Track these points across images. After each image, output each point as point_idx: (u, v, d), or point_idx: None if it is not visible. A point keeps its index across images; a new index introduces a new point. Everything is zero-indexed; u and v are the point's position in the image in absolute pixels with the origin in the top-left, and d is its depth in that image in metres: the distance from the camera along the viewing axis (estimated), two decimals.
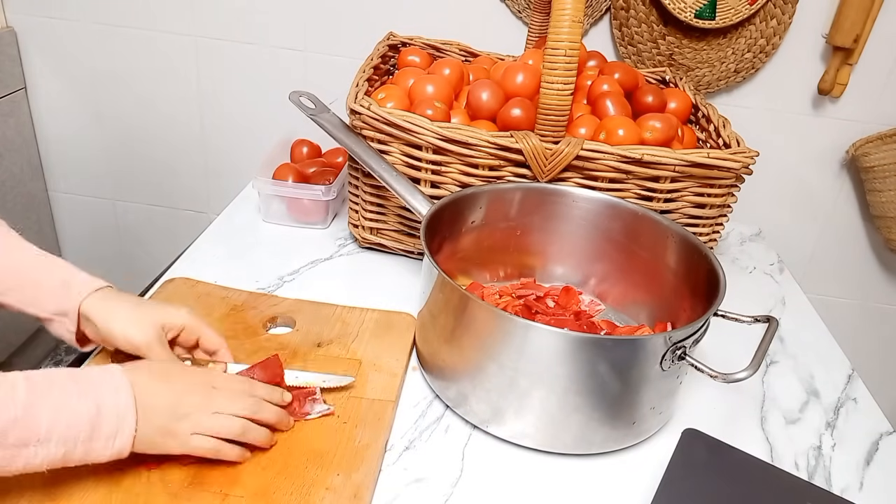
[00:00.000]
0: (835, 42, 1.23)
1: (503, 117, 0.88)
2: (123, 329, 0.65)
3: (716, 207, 0.89)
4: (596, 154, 0.82)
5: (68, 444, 0.52)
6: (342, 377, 0.71)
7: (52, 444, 0.51)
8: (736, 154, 0.85)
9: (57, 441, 0.52)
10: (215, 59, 1.43)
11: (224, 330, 0.78)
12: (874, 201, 1.33)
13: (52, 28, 1.43)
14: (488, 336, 0.66)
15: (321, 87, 1.08)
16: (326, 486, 0.60)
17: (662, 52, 1.29)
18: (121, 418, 0.54)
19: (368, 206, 0.95)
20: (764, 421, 0.78)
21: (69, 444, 0.52)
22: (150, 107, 1.50)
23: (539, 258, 0.90)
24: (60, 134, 1.56)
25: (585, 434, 0.68)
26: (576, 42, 0.75)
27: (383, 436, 0.67)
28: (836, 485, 0.71)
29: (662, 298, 0.82)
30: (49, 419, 0.51)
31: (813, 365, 0.89)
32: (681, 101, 1.01)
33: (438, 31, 1.19)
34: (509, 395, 0.66)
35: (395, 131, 0.86)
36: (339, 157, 1.14)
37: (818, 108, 1.34)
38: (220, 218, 1.07)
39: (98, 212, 1.65)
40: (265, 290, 0.89)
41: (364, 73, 0.96)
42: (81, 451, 0.53)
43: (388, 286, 0.92)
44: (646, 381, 0.65)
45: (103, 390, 0.55)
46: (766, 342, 0.66)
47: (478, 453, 0.69)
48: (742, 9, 1.21)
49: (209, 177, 1.57)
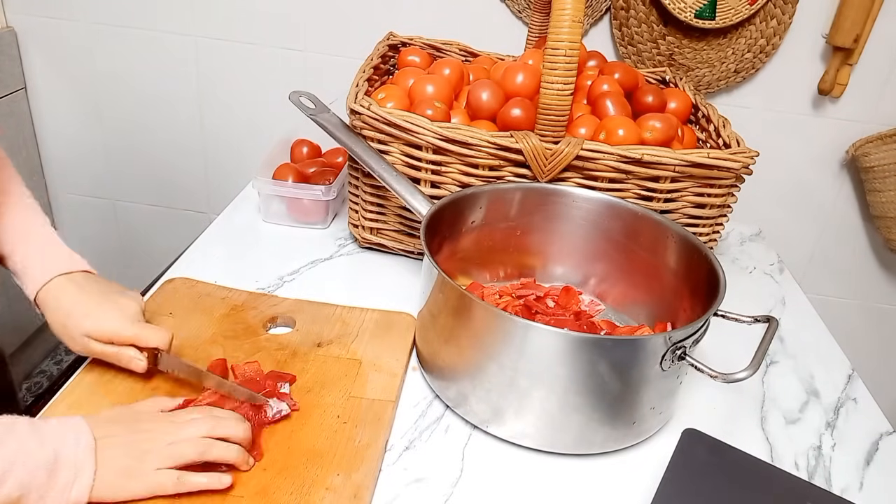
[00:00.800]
0: (835, 42, 1.23)
1: (503, 117, 0.89)
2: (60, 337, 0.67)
3: (716, 207, 0.89)
4: (596, 154, 0.82)
5: (23, 489, 0.51)
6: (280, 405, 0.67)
7: (7, 486, 0.51)
8: (736, 154, 0.85)
9: (12, 484, 0.51)
10: (215, 59, 1.43)
11: (224, 330, 0.78)
12: (874, 201, 1.33)
13: (52, 28, 1.43)
14: (488, 336, 0.66)
15: (321, 87, 1.08)
16: (326, 486, 0.60)
17: (662, 52, 1.29)
18: (78, 468, 0.54)
19: (368, 206, 0.95)
20: (764, 421, 0.78)
21: (24, 489, 0.51)
22: (151, 107, 1.50)
23: (539, 258, 0.90)
24: (60, 134, 1.56)
25: (585, 434, 0.68)
26: (576, 42, 0.75)
27: (383, 436, 0.67)
28: (836, 485, 0.71)
29: (662, 298, 0.82)
30: (7, 461, 0.51)
31: (813, 365, 0.89)
32: (681, 101, 1.01)
33: (438, 31, 1.19)
34: (509, 395, 0.67)
35: (395, 131, 0.86)
36: (339, 157, 1.14)
37: (818, 108, 1.34)
38: (220, 218, 1.07)
39: (98, 212, 1.65)
40: (265, 290, 0.89)
41: (364, 73, 0.96)
42: (36, 497, 0.52)
43: (388, 286, 0.92)
44: (646, 381, 0.65)
45: (63, 440, 0.54)
46: (766, 342, 0.66)
47: (478, 453, 0.69)
48: (742, 9, 1.21)
49: (209, 177, 1.58)
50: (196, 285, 0.86)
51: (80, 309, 0.67)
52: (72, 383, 0.69)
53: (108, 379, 0.69)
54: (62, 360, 1.80)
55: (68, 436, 0.55)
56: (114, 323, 0.66)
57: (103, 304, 0.68)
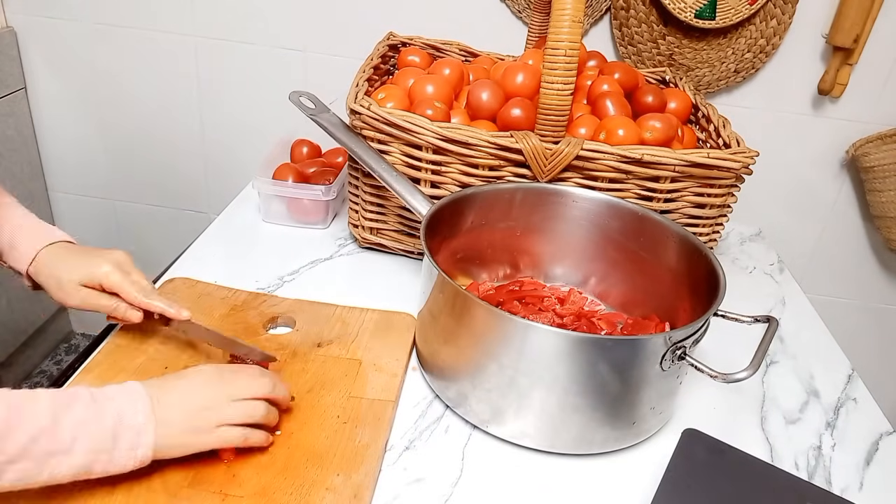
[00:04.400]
0: (835, 42, 1.23)
1: (503, 117, 0.89)
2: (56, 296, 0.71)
3: (716, 207, 0.89)
4: (596, 154, 0.82)
5: (90, 455, 0.53)
6: None
7: (76, 454, 0.53)
8: (736, 154, 0.85)
9: (80, 452, 0.53)
10: (215, 59, 1.43)
11: (224, 330, 0.78)
12: (874, 201, 1.33)
13: (52, 28, 1.43)
14: (488, 336, 0.66)
15: (321, 87, 1.08)
16: (326, 486, 0.60)
17: (662, 52, 1.29)
18: (140, 428, 0.56)
19: (368, 206, 0.95)
20: (764, 421, 0.78)
21: (91, 455, 0.54)
22: (151, 107, 1.50)
23: (539, 258, 0.90)
24: (60, 134, 1.56)
25: (585, 434, 0.68)
26: (576, 42, 0.75)
27: (383, 436, 0.67)
28: (836, 485, 0.71)
29: (662, 298, 0.82)
30: (73, 430, 0.53)
31: (813, 365, 0.89)
32: (681, 101, 1.01)
33: (438, 31, 1.19)
34: (509, 395, 0.67)
35: (395, 131, 0.86)
36: (339, 157, 1.14)
37: (818, 108, 1.34)
38: (220, 218, 1.07)
39: (98, 212, 1.65)
40: (265, 290, 0.89)
41: (364, 73, 0.96)
42: (104, 461, 0.54)
43: (388, 286, 0.92)
44: (646, 381, 0.65)
45: (123, 404, 0.56)
46: (766, 342, 0.66)
47: (478, 453, 0.69)
48: (742, 9, 1.21)
49: (209, 177, 1.58)
50: (196, 285, 0.86)
51: (72, 263, 0.71)
52: (72, 383, 0.69)
53: (108, 378, 0.69)
54: (62, 360, 1.80)
55: (125, 400, 0.57)
56: (105, 267, 0.70)
57: (93, 256, 0.72)
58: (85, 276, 0.69)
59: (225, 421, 0.60)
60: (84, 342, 1.85)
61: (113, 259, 0.71)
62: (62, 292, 0.70)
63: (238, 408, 0.61)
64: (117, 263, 0.71)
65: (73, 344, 1.85)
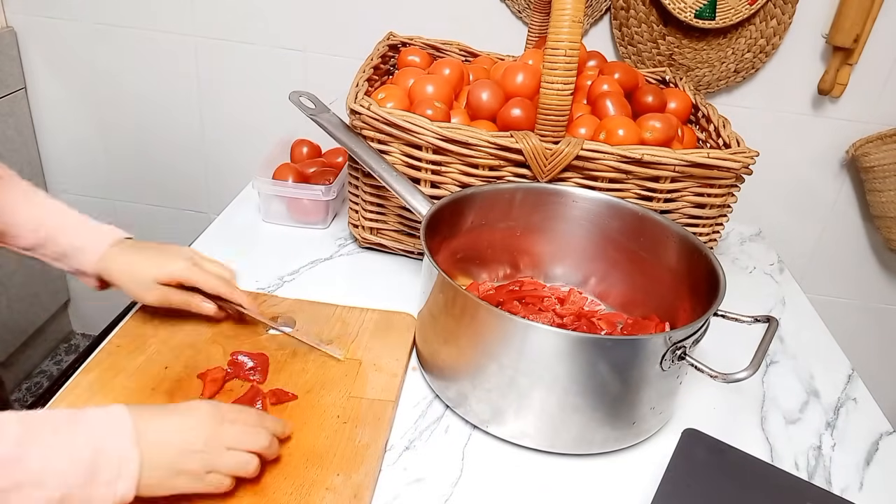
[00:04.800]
0: (835, 42, 1.23)
1: (503, 117, 0.89)
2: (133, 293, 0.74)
3: (716, 207, 0.89)
4: (596, 154, 0.82)
5: (64, 489, 0.49)
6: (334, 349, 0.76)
7: (47, 487, 0.48)
8: (736, 154, 0.85)
9: (52, 485, 0.48)
10: (215, 59, 1.43)
11: (224, 330, 0.78)
12: (874, 201, 1.33)
13: (52, 28, 1.43)
14: (488, 336, 0.66)
15: (321, 87, 1.08)
16: (326, 486, 0.60)
17: (662, 52, 1.29)
18: (122, 461, 0.51)
19: (368, 206, 0.95)
20: (764, 421, 0.78)
21: (65, 488, 0.49)
22: (151, 107, 1.50)
23: (539, 258, 0.90)
24: (60, 134, 1.56)
25: (585, 434, 0.68)
26: (576, 42, 0.75)
27: (383, 436, 0.67)
28: (836, 485, 0.71)
29: (662, 298, 0.82)
30: (41, 460, 0.49)
31: (813, 365, 0.89)
32: (681, 101, 1.01)
33: (438, 31, 1.19)
34: (509, 395, 0.67)
35: (395, 131, 0.86)
36: (339, 157, 1.14)
37: (818, 108, 1.34)
38: (220, 218, 1.07)
39: (98, 212, 1.64)
40: (265, 290, 0.89)
41: (364, 73, 0.96)
42: (80, 496, 0.50)
43: (388, 286, 0.92)
44: (646, 381, 0.65)
45: (102, 432, 0.52)
46: (766, 342, 0.66)
47: (478, 453, 0.69)
48: (742, 9, 1.21)
49: (209, 177, 1.58)
50: None
51: (145, 261, 0.74)
52: (72, 383, 0.69)
53: (108, 378, 0.69)
54: (62, 360, 1.80)
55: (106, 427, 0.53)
56: (180, 263, 0.74)
57: (165, 254, 0.75)
58: (163, 275, 0.73)
59: (216, 469, 0.56)
60: (84, 342, 1.85)
61: (186, 255, 0.75)
62: (139, 290, 0.74)
63: (231, 459, 0.57)
64: (191, 259, 0.75)
65: (73, 344, 1.85)
